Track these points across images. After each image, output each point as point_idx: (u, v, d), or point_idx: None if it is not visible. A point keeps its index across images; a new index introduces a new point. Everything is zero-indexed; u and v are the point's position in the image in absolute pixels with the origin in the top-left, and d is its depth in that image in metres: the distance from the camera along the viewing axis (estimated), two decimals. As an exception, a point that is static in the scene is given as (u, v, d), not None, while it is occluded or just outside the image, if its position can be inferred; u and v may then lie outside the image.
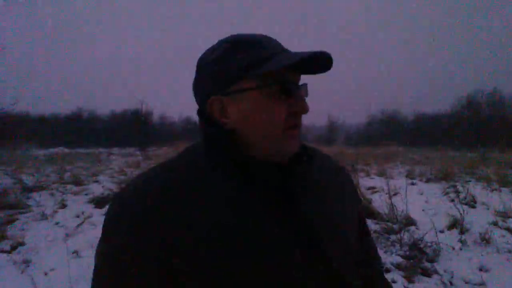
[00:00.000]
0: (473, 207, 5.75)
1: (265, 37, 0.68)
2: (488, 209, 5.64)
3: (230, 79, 0.65)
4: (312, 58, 0.62)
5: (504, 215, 5.18)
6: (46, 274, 3.39)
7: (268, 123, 0.64)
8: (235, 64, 0.64)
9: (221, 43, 0.68)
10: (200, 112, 0.72)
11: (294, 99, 0.66)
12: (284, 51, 0.67)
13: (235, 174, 0.64)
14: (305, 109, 0.67)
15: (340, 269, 0.66)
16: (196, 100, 0.73)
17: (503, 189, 6.96)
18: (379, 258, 0.94)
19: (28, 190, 6.97)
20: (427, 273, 3.28)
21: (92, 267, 0.62)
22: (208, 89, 0.68)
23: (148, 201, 0.59)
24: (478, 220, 4.83)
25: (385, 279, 0.90)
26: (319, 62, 0.65)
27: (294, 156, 0.70)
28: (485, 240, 4.10)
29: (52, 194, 6.81)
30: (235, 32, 0.73)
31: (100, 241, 0.61)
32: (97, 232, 4.19)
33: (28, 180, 7.88)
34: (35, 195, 6.56)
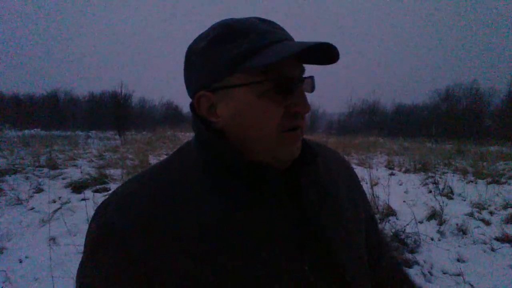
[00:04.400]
0: (451, 198, 5.90)
1: (263, 22, 0.58)
2: (464, 200, 5.81)
3: (216, 74, 0.56)
4: (312, 49, 0.53)
5: (480, 206, 5.34)
6: (21, 261, 3.27)
7: (260, 126, 0.56)
8: (221, 56, 0.55)
9: (210, 29, 0.59)
10: (192, 106, 0.64)
11: (294, 96, 0.57)
12: (283, 39, 0.56)
13: (230, 181, 0.58)
14: (305, 109, 0.57)
15: (353, 282, 0.61)
16: (188, 93, 0.65)
17: (479, 181, 7.16)
18: (390, 250, 0.88)
19: (1, 173, 6.69)
20: (408, 264, 3.34)
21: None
22: (195, 83, 0.60)
23: (134, 220, 0.53)
24: (455, 211, 4.97)
25: (402, 271, 0.86)
26: (323, 52, 0.57)
27: (297, 156, 0.63)
28: (462, 231, 4.22)
29: (27, 178, 6.55)
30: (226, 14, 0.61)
31: (82, 262, 0.55)
32: (75, 218, 4.07)
33: (1, 162, 7.57)
34: (8, 178, 6.30)
